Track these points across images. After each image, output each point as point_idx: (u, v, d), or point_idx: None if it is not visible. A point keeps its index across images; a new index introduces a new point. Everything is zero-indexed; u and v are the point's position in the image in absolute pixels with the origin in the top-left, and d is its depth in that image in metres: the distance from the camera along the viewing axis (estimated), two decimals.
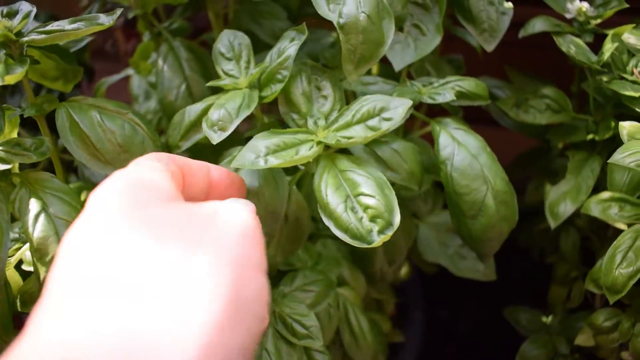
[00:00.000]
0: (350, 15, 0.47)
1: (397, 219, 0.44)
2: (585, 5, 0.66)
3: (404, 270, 0.80)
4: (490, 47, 0.59)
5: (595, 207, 0.59)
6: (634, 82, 0.59)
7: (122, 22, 0.98)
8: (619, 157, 0.48)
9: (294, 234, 0.52)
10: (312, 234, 0.63)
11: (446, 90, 0.53)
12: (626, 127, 0.55)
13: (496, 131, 0.69)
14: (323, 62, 0.64)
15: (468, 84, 0.54)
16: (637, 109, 0.56)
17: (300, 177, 0.54)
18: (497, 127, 0.72)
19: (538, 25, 0.65)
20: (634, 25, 0.62)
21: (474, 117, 0.71)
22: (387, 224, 0.44)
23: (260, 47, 0.66)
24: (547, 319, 0.75)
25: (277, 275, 0.56)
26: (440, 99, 0.52)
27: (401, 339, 0.76)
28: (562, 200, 0.64)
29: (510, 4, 0.60)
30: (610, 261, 0.55)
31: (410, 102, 0.47)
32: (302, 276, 0.54)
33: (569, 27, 0.66)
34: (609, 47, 0.59)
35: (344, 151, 0.50)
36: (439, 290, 0.91)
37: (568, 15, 0.67)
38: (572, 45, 0.63)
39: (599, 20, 0.66)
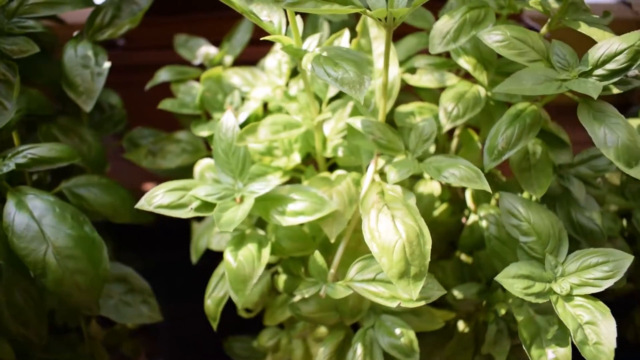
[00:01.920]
0: None
1: None
2: (211, 51, 0.71)
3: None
4: (88, 108, 0.62)
5: (211, 240, 0.63)
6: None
7: None
8: (142, 203, 0.51)
9: None
10: None
11: (14, 160, 0.56)
12: (200, 164, 0.59)
13: None
14: None
15: (41, 150, 0.57)
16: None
17: None
18: None
19: (163, 75, 0.69)
20: (232, 66, 0.67)
21: None
22: None
23: None
24: (257, 343, 0.78)
25: None
26: (5, 169, 0.55)
27: None
28: (202, 236, 0.67)
29: (107, 64, 0.64)
30: (207, 289, 0.58)
31: None
32: None
33: (198, 71, 0.71)
34: (201, 90, 0.64)
35: None
36: (191, 330, 0.92)
37: (196, 61, 0.71)
38: (189, 92, 0.67)
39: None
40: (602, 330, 0.49)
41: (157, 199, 0.51)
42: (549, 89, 0.49)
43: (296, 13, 0.48)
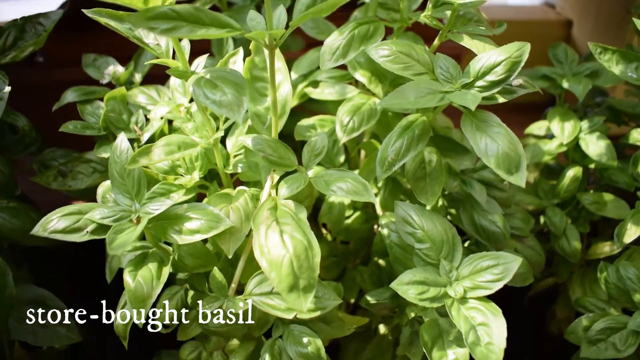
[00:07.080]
0: None
1: None
2: (119, 69, 0.71)
3: None
4: None
5: (122, 260, 0.63)
6: (133, 139, 0.63)
7: None
8: (37, 229, 0.51)
9: None
10: None
11: None
12: (103, 185, 0.59)
13: None
14: None
15: None
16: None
17: None
18: None
19: (69, 96, 0.69)
20: (141, 84, 0.67)
21: None
22: None
23: None
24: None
25: None
26: None
27: None
28: (114, 257, 0.67)
29: (7, 89, 0.63)
30: (117, 308, 0.58)
31: None
32: None
33: (107, 90, 0.71)
34: (104, 111, 0.64)
35: None
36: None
37: (104, 81, 0.71)
38: (95, 113, 0.67)
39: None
40: (493, 330, 0.51)
41: (52, 224, 0.51)
42: (431, 102, 0.51)
43: None
